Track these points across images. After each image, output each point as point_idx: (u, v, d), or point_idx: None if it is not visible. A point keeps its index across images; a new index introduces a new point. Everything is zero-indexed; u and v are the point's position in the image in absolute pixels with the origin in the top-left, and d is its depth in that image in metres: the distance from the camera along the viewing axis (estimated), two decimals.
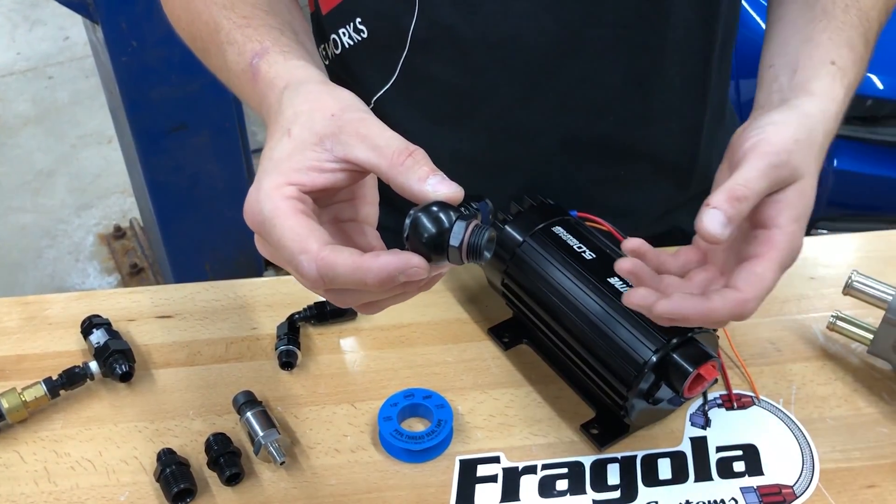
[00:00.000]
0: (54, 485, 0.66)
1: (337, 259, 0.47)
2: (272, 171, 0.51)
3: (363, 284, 0.47)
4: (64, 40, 3.58)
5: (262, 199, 0.50)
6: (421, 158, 0.49)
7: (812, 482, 0.66)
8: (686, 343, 0.65)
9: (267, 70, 0.58)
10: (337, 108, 0.52)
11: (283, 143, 0.51)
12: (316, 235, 0.48)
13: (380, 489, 0.66)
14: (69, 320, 0.79)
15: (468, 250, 0.48)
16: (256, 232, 0.51)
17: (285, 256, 0.49)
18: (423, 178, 0.48)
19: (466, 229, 0.47)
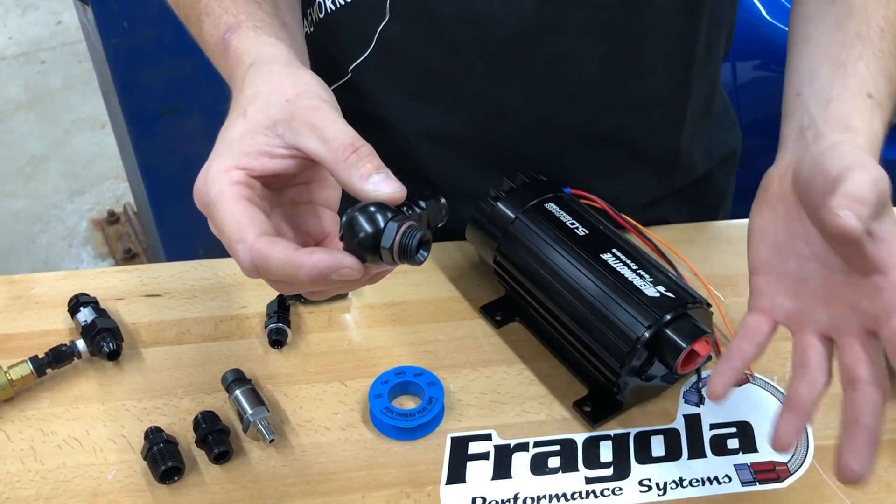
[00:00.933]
0: (41, 463, 0.65)
1: (271, 252, 0.47)
2: (223, 152, 0.50)
3: (295, 279, 0.48)
4: (56, 25, 3.55)
5: (209, 181, 0.50)
6: (366, 155, 0.49)
7: (806, 459, 0.66)
8: (679, 318, 0.64)
9: (237, 45, 0.57)
10: (293, 93, 0.51)
11: (238, 124, 0.51)
12: (254, 225, 0.48)
13: (370, 467, 0.65)
14: (56, 299, 0.78)
15: (399, 252, 0.47)
16: (203, 212, 0.51)
17: (225, 242, 0.49)
18: (366, 176, 0.48)
19: (398, 231, 0.47)
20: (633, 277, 0.67)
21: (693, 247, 0.84)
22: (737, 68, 1.77)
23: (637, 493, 0.64)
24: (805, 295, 0.56)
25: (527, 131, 0.80)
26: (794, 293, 0.57)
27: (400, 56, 0.77)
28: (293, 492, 0.63)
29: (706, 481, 0.64)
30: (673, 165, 0.86)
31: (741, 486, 0.64)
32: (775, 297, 0.57)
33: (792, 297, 0.57)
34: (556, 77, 0.77)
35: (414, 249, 0.47)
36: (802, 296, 0.56)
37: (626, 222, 0.76)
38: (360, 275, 0.48)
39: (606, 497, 0.63)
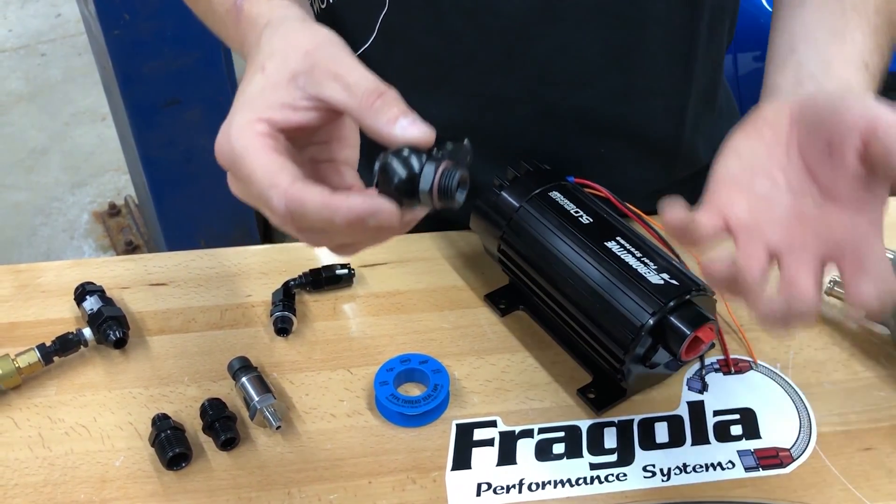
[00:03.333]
0: (49, 450, 0.66)
1: (306, 195, 0.46)
2: (244, 107, 0.49)
3: (331, 224, 0.46)
4: (56, 17, 3.55)
5: (233, 134, 0.48)
6: (391, 99, 0.48)
7: (809, 445, 0.66)
8: (683, 306, 0.65)
9: (250, 9, 0.57)
10: (312, 45, 0.50)
11: (257, 79, 0.50)
12: (287, 170, 0.47)
13: (376, 453, 0.65)
14: (62, 288, 0.78)
15: (439, 193, 0.46)
16: (227, 168, 0.50)
17: (255, 192, 0.48)
18: (393, 120, 0.47)
19: (436, 172, 0.45)
20: (636, 265, 0.68)
21: None
22: (738, 59, 1.77)
23: (641, 478, 0.64)
24: (764, 213, 0.52)
25: (528, 120, 0.81)
26: (753, 209, 0.53)
27: (402, 45, 0.78)
28: (300, 478, 0.64)
29: (710, 467, 0.65)
30: (675, 155, 0.86)
31: (744, 471, 0.65)
32: (732, 205, 0.53)
33: (750, 211, 0.52)
34: (557, 66, 0.77)
35: (454, 190, 0.46)
36: (761, 213, 0.52)
37: (630, 211, 0.77)
38: (398, 220, 0.46)
39: (611, 483, 0.64)
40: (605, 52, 0.77)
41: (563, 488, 0.63)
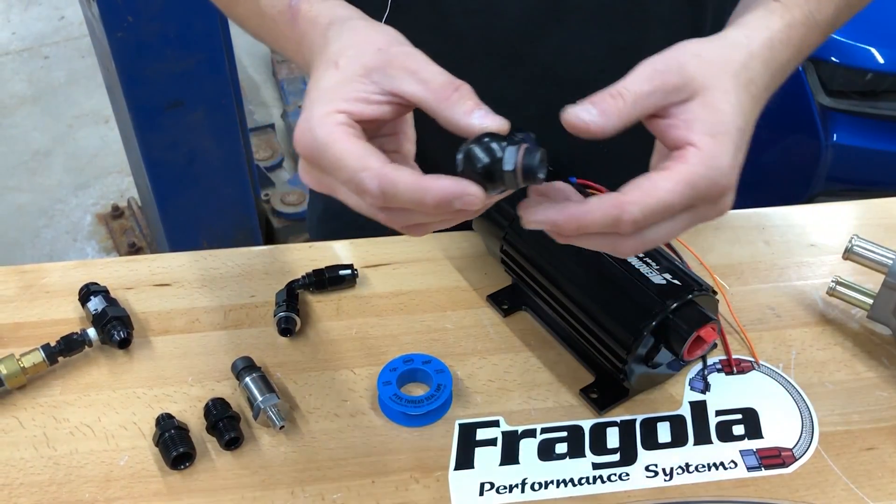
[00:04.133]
0: (53, 450, 0.66)
1: (399, 176, 0.48)
2: (321, 99, 0.51)
3: (421, 204, 0.48)
4: (59, 20, 3.56)
5: (314, 125, 0.50)
6: (467, 93, 0.50)
7: (811, 445, 0.66)
8: (685, 306, 0.65)
9: (308, 9, 0.58)
10: (384, 42, 0.53)
11: (331, 73, 0.52)
12: (376, 154, 0.49)
13: (379, 453, 0.66)
14: (67, 288, 0.79)
15: (523, 172, 0.48)
16: (309, 159, 0.51)
17: (344, 176, 0.49)
18: (470, 112, 0.49)
19: (518, 153, 0.48)
20: (639, 265, 0.68)
21: (699, 236, 0.85)
22: None
23: (644, 478, 0.64)
24: None
25: (532, 120, 0.81)
26: None
27: None
28: (303, 477, 0.64)
29: (712, 467, 0.65)
30: None
31: (747, 471, 0.65)
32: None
33: None
34: (560, 67, 0.78)
35: (536, 167, 0.48)
36: None
37: None
38: (482, 202, 0.48)
39: (613, 482, 0.64)
40: (608, 53, 0.77)
41: (565, 488, 0.64)
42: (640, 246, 0.51)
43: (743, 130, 0.52)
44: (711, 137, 0.50)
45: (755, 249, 0.84)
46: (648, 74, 0.51)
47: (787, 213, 0.89)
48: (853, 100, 1.72)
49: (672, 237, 0.52)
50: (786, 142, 1.80)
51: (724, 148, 0.50)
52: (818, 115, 1.71)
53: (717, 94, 0.51)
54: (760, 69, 0.54)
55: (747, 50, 0.54)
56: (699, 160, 0.49)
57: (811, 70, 1.71)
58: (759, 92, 0.54)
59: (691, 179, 0.49)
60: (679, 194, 0.49)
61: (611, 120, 0.51)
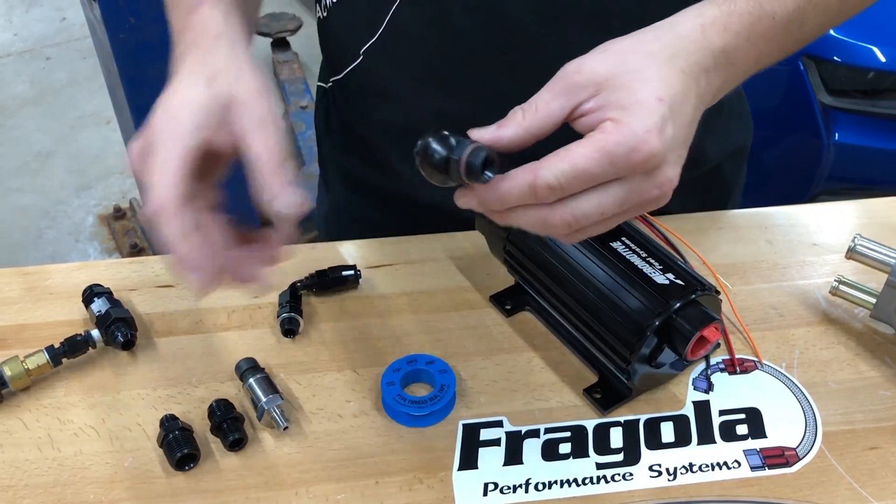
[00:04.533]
0: (58, 451, 0.66)
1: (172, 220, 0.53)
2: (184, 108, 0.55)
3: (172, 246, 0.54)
4: (61, 21, 3.57)
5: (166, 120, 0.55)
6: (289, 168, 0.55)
7: (815, 444, 0.66)
8: (689, 305, 0.65)
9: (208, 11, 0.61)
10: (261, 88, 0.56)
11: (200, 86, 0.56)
12: (182, 188, 0.53)
13: (383, 453, 0.66)
14: (70, 290, 0.79)
15: (466, 166, 0.51)
16: (144, 138, 0.56)
17: (148, 173, 0.54)
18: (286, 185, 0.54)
19: (466, 149, 0.52)
20: (642, 265, 0.68)
21: (701, 236, 0.85)
22: None
23: (647, 478, 0.64)
24: None
25: None
26: None
27: (408, 40, 0.79)
28: (307, 478, 0.64)
29: (716, 466, 0.65)
30: None
31: (750, 471, 0.65)
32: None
33: None
34: (559, 66, 0.78)
35: (478, 166, 0.51)
36: None
37: None
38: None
39: (617, 482, 0.64)
40: None
41: (569, 488, 0.64)
42: (570, 218, 0.52)
43: (666, 101, 0.52)
44: (623, 109, 0.51)
45: (758, 249, 0.84)
46: (550, 84, 0.54)
47: (789, 212, 0.89)
48: (855, 99, 1.72)
49: (607, 210, 0.52)
50: (787, 141, 1.80)
51: (637, 115, 0.51)
52: (820, 114, 1.71)
53: (626, 76, 0.52)
54: (690, 47, 0.55)
55: (672, 32, 0.56)
56: (613, 128, 0.51)
57: (813, 69, 1.71)
58: (692, 68, 0.54)
59: (604, 145, 0.50)
60: (593, 160, 0.50)
61: (511, 129, 0.53)
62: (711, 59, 0.56)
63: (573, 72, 0.54)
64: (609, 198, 0.52)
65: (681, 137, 0.53)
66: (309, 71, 3.09)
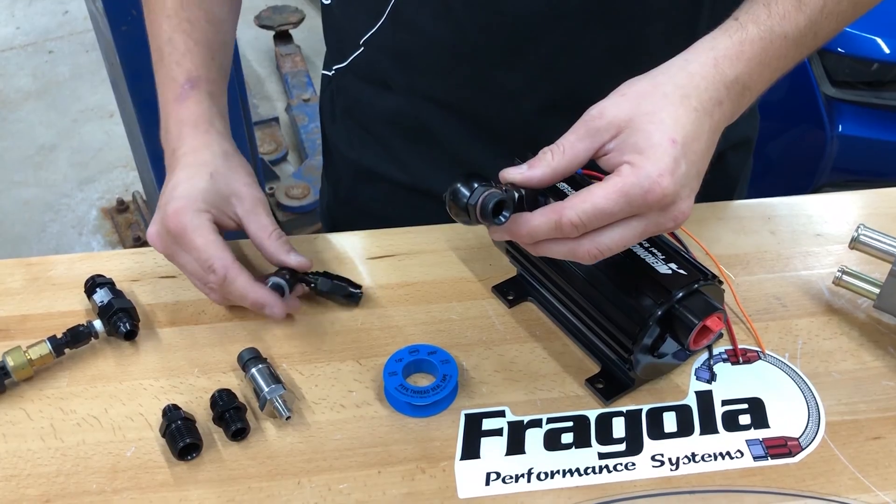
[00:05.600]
0: (61, 441, 0.66)
1: (238, 275, 0.71)
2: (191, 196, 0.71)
3: (243, 299, 0.72)
4: (63, 14, 3.57)
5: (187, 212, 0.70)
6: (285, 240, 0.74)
7: (818, 434, 0.66)
8: (691, 295, 0.65)
9: (195, 97, 0.76)
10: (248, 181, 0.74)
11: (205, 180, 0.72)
12: (228, 251, 0.71)
13: (385, 443, 0.66)
14: (73, 281, 0.79)
15: (481, 210, 0.58)
16: (174, 235, 0.70)
17: (201, 256, 0.70)
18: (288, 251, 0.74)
19: (482, 194, 0.58)
20: (644, 255, 0.68)
21: (704, 227, 0.85)
22: None
23: (650, 467, 0.64)
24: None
25: (533, 113, 0.81)
26: None
27: (409, 31, 0.79)
28: (310, 468, 0.64)
29: (718, 456, 0.65)
30: None
31: (753, 461, 0.65)
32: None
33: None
34: (561, 62, 0.78)
35: (489, 208, 0.57)
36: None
37: None
38: (282, 316, 0.73)
39: (619, 472, 0.64)
40: (608, 49, 0.77)
41: (571, 477, 0.64)
42: (596, 251, 0.58)
43: (679, 142, 0.57)
44: (639, 153, 0.56)
45: (761, 239, 0.84)
46: (576, 127, 0.59)
47: (793, 202, 0.89)
48: (859, 90, 1.71)
49: (629, 241, 0.58)
50: (791, 133, 1.80)
51: (651, 159, 0.56)
52: (824, 105, 1.71)
53: (641, 120, 0.57)
54: (702, 84, 0.59)
55: (684, 71, 0.60)
56: (630, 171, 0.56)
57: (816, 61, 1.70)
58: (704, 105, 0.59)
59: (622, 187, 0.56)
60: (612, 200, 0.56)
61: (540, 170, 0.59)
62: (724, 91, 0.60)
63: (596, 116, 0.59)
64: (630, 231, 0.58)
65: (693, 172, 0.58)
66: (311, 63, 3.09)
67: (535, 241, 0.59)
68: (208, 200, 0.71)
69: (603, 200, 0.56)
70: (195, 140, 0.74)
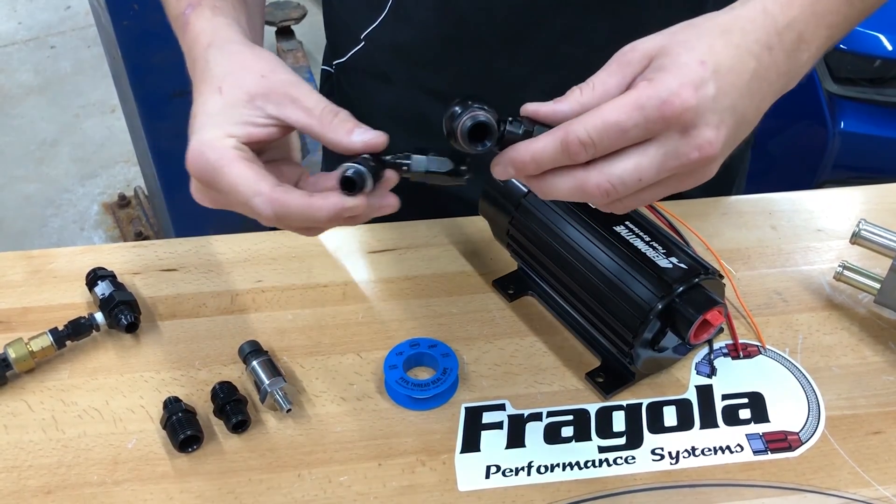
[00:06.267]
0: (62, 433, 0.66)
1: (289, 199, 0.53)
2: (209, 125, 0.55)
3: (314, 220, 0.54)
4: (65, 9, 3.56)
5: (205, 149, 0.54)
6: (345, 117, 0.55)
7: (818, 429, 0.66)
8: (692, 289, 0.65)
9: (195, 22, 0.61)
10: (266, 70, 0.56)
11: (215, 98, 0.56)
12: (266, 178, 0.53)
13: (386, 436, 0.66)
14: (74, 273, 0.79)
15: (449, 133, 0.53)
16: (202, 180, 0.55)
17: (238, 199, 0.53)
18: (350, 131, 0.54)
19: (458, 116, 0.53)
20: (645, 249, 0.68)
21: (705, 221, 0.85)
22: None
23: (650, 461, 0.64)
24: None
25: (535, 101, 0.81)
26: None
27: (410, 24, 0.79)
28: (310, 460, 0.64)
29: (718, 450, 0.65)
30: None
31: (753, 455, 0.65)
32: None
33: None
34: (563, 50, 0.78)
35: (462, 131, 0.53)
36: None
37: None
38: (364, 210, 0.54)
39: (619, 465, 0.64)
40: (610, 37, 0.77)
41: (571, 471, 0.64)
42: (608, 184, 0.50)
43: (707, 64, 0.50)
44: (661, 70, 0.50)
45: (762, 234, 0.84)
46: (607, 64, 0.54)
47: (794, 198, 0.89)
48: (861, 87, 1.71)
49: (645, 175, 0.50)
50: (793, 129, 1.79)
51: (672, 73, 0.50)
52: (825, 102, 1.70)
53: (674, 46, 0.52)
54: (748, 26, 0.53)
55: (730, 14, 0.54)
56: (646, 85, 0.50)
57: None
58: (750, 45, 0.53)
59: (636, 99, 0.49)
60: (624, 112, 0.49)
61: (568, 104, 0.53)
62: (776, 37, 0.54)
63: (627, 51, 0.53)
64: (645, 159, 0.50)
65: (725, 102, 0.51)
66: (313, 59, 3.08)
67: (541, 169, 0.52)
68: (226, 122, 0.55)
69: (615, 113, 0.49)
70: (201, 60, 0.60)
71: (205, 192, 0.57)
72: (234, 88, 0.55)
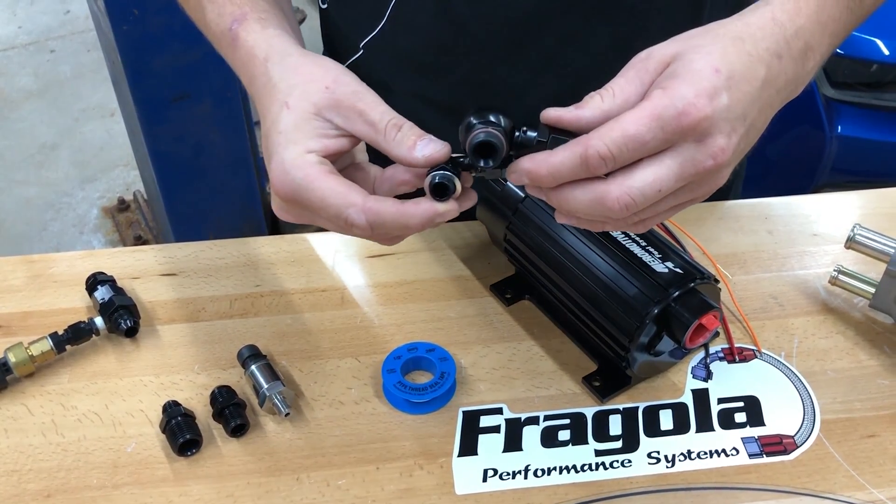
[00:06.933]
0: (62, 436, 0.67)
1: (383, 208, 0.53)
2: (285, 143, 0.55)
3: (407, 228, 0.54)
4: (65, 14, 3.57)
5: (289, 168, 0.54)
6: (408, 130, 0.55)
7: (813, 432, 0.67)
8: (688, 294, 0.65)
9: (245, 38, 0.61)
10: (329, 80, 0.56)
11: (284, 114, 0.55)
12: (356, 190, 0.54)
13: (384, 439, 0.66)
14: (74, 278, 0.79)
15: (468, 150, 0.53)
16: (291, 200, 0.55)
17: (329, 213, 0.54)
18: (412, 147, 0.54)
19: (477, 131, 0.53)
20: (642, 254, 0.68)
21: (702, 226, 0.85)
22: None
23: (646, 464, 0.65)
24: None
25: (535, 108, 0.81)
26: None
27: (410, 32, 0.79)
28: (308, 464, 0.65)
29: (714, 454, 0.65)
30: None
31: (749, 458, 0.65)
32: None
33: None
34: (563, 57, 0.78)
35: (469, 146, 0.52)
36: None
37: None
38: (455, 214, 0.55)
39: (616, 469, 0.65)
40: (610, 44, 0.78)
41: (568, 474, 0.64)
42: (628, 198, 0.50)
43: (721, 72, 0.51)
44: (675, 77, 0.51)
45: (758, 239, 0.85)
46: (623, 71, 0.54)
47: (790, 202, 0.89)
48: (858, 91, 1.71)
49: (664, 185, 0.51)
50: (790, 133, 1.80)
51: (687, 82, 0.50)
52: (823, 106, 1.71)
53: (688, 52, 0.52)
54: (759, 34, 0.54)
55: (740, 21, 0.55)
56: (661, 94, 0.50)
57: None
58: (761, 53, 0.54)
59: (653, 110, 0.49)
60: (643, 124, 0.49)
61: (590, 111, 0.52)
62: (785, 45, 0.55)
63: (643, 58, 0.54)
64: (664, 169, 0.50)
65: (738, 111, 0.52)
66: None
67: (558, 182, 0.52)
68: (302, 137, 0.55)
69: (633, 125, 0.49)
70: (262, 76, 0.59)
71: (289, 210, 0.57)
72: (302, 102, 0.55)
